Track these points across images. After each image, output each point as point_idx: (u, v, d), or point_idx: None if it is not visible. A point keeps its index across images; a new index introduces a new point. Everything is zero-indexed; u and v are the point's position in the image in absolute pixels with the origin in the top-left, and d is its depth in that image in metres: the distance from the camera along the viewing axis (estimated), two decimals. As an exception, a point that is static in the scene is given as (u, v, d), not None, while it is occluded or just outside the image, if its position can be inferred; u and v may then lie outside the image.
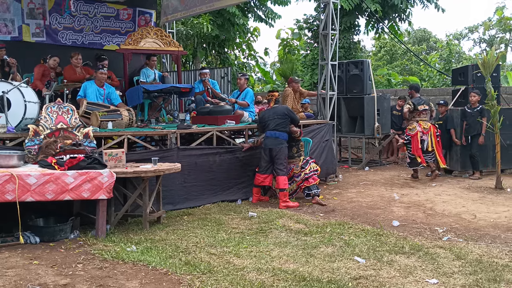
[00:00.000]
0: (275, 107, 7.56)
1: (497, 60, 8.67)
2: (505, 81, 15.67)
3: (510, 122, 9.47)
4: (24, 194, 5.00)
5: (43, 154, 5.69)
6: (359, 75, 10.73)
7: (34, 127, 5.91)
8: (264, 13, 16.34)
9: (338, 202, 7.51)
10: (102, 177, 5.31)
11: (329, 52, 9.18)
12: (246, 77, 9.32)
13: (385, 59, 28.45)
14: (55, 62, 8.61)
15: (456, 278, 4.19)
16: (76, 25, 10.57)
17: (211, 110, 8.43)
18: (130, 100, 8.50)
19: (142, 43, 9.16)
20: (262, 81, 23.22)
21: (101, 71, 7.95)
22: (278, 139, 7.24)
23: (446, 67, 20.79)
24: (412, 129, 9.16)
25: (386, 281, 4.12)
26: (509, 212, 6.69)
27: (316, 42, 16.56)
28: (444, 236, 5.58)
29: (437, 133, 9.23)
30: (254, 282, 4.06)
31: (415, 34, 33.83)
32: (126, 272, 4.33)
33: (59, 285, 4.03)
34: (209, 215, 6.52)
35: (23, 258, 4.69)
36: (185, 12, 10.95)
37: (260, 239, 5.41)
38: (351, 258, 4.71)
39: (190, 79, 12.75)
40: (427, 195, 7.85)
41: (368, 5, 14.51)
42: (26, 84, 6.59)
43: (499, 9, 24.04)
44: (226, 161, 7.49)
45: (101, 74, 7.90)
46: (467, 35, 33.25)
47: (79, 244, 5.17)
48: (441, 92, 12.88)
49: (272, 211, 6.75)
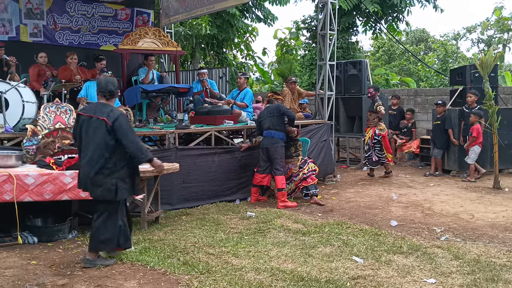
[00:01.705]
0: (268, 107, 7.58)
1: (495, 60, 8.68)
2: (503, 81, 15.69)
3: (508, 122, 9.48)
4: (22, 194, 4.99)
5: (41, 154, 5.68)
6: (357, 75, 10.74)
7: (32, 127, 5.90)
8: (263, 13, 16.36)
9: (336, 202, 7.52)
10: (100, 177, 5.30)
11: (327, 52, 9.19)
12: (246, 76, 9.29)
13: (383, 59, 28.49)
14: (43, 58, 8.58)
15: (454, 278, 4.20)
16: (73, 25, 10.57)
17: (210, 110, 8.43)
18: (128, 100, 8.50)
19: (140, 43, 9.15)
20: (261, 81, 23.23)
21: (105, 74, 7.88)
22: (273, 139, 7.25)
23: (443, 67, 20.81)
24: (382, 129, 9.46)
25: (384, 281, 4.13)
26: (507, 212, 6.71)
27: (314, 42, 16.56)
28: (442, 236, 5.59)
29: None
30: (252, 282, 4.07)
31: (413, 34, 33.88)
32: (124, 272, 4.33)
33: (57, 285, 4.03)
34: (207, 215, 6.52)
35: (21, 258, 4.68)
36: (186, 14, 10.96)
37: (259, 239, 5.41)
38: (349, 258, 4.72)
39: (188, 79, 12.74)
40: (425, 195, 7.86)
41: (366, 5, 14.52)
42: (24, 84, 6.59)
43: (497, 9, 24.06)
44: (224, 161, 7.49)
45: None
46: (465, 35, 33.30)
47: (77, 244, 5.17)
48: (439, 92, 12.90)
49: (271, 211, 6.76)
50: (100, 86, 4.61)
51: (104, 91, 4.55)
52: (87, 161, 4.36)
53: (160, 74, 10.04)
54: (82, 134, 4.41)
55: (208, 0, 9.97)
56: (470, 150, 9.10)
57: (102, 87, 4.56)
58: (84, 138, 4.41)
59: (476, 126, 9.05)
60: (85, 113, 4.42)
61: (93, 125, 4.37)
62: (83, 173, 4.43)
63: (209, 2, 9.94)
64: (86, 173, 4.37)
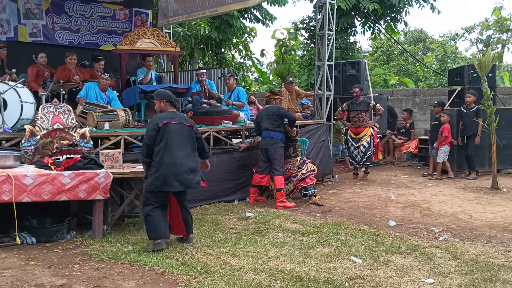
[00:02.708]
0: (267, 107, 7.58)
1: (493, 60, 8.70)
2: (501, 81, 15.72)
3: (506, 122, 9.50)
4: (21, 194, 4.99)
5: (40, 154, 5.67)
6: (356, 75, 10.74)
7: (31, 128, 5.89)
8: (261, 14, 16.37)
9: (335, 202, 7.52)
10: (99, 177, 5.31)
11: (325, 52, 9.19)
12: (234, 77, 9.39)
13: (382, 59, 28.50)
14: (43, 59, 8.56)
15: (452, 278, 4.20)
16: (72, 25, 10.55)
17: (208, 111, 8.43)
18: (127, 100, 8.49)
19: (138, 44, 9.13)
20: (259, 81, 23.24)
21: (104, 76, 7.86)
22: (272, 139, 7.25)
23: (441, 68, 20.84)
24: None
25: (383, 281, 4.13)
26: (505, 212, 6.72)
27: (312, 43, 16.57)
28: (441, 236, 5.60)
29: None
30: (251, 283, 4.07)
31: (411, 34, 33.91)
32: (123, 273, 4.33)
33: (55, 285, 4.02)
34: (206, 216, 6.52)
35: (20, 258, 4.68)
36: (187, 16, 10.95)
37: (257, 240, 5.41)
38: (348, 258, 4.72)
39: (187, 79, 12.74)
40: (424, 195, 7.88)
41: (365, 5, 14.52)
42: (22, 85, 6.58)
43: (497, 9, 24.12)
44: (223, 161, 7.49)
45: (103, 80, 7.80)
46: (463, 35, 33.33)
47: (76, 245, 5.17)
48: (437, 93, 12.92)
49: (269, 211, 6.76)
50: (165, 96, 5.34)
51: (173, 101, 5.36)
52: (185, 156, 5.14)
53: (159, 74, 10.03)
54: (168, 138, 5.09)
55: (210, 4, 9.97)
56: (440, 150, 9.36)
57: (168, 97, 5.35)
58: (173, 140, 5.10)
59: (447, 125, 9.37)
60: (174, 121, 5.19)
61: (184, 129, 5.23)
62: (179, 166, 5.07)
63: (211, 5, 9.94)
64: (184, 166, 5.09)
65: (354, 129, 9.44)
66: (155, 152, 5.07)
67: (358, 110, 9.37)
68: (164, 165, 5.02)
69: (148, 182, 5.08)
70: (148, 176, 5.12)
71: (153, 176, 5.03)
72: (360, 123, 9.37)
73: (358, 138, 9.38)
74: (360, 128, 9.38)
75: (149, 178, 5.07)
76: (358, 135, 9.39)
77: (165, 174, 5.01)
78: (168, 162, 5.04)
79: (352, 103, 9.41)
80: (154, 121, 5.17)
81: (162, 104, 5.34)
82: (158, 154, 5.05)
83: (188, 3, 10.64)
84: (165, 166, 5.02)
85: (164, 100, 5.32)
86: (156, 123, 5.11)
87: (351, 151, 9.50)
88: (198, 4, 10.31)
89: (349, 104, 9.44)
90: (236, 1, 9.44)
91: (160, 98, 5.35)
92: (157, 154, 5.06)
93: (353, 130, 9.46)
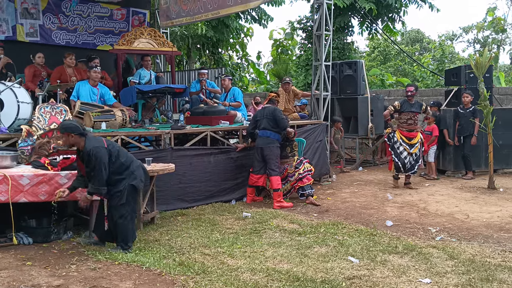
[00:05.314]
0: (266, 107, 7.58)
1: (489, 61, 8.72)
2: (498, 81, 15.76)
3: (502, 122, 9.53)
4: (17, 195, 4.98)
5: (36, 154, 5.66)
6: (353, 75, 10.76)
7: (27, 128, 5.88)
8: (258, 14, 16.35)
9: (332, 202, 7.53)
10: (96, 177, 5.29)
11: (322, 52, 9.20)
12: (229, 78, 9.36)
13: (379, 59, 28.51)
14: (41, 59, 8.51)
15: (449, 278, 4.21)
16: (69, 25, 10.55)
17: (205, 111, 8.43)
18: (124, 100, 8.47)
19: (135, 44, 9.13)
20: (256, 81, 23.24)
21: (95, 69, 7.73)
22: (269, 139, 7.26)
23: (439, 68, 20.87)
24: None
25: (380, 281, 4.14)
26: (502, 212, 6.74)
27: (310, 43, 16.58)
28: (437, 236, 5.61)
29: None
30: (248, 283, 4.07)
31: (409, 35, 33.96)
32: (120, 273, 4.32)
33: (52, 286, 4.01)
34: (203, 216, 6.51)
35: (16, 259, 4.67)
36: (190, 18, 10.96)
37: (254, 240, 5.41)
38: (345, 258, 4.73)
39: (184, 79, 12.73)
40: (420, 195, 7.89)
41: (362, 4, 14.53)
42: (19, 85, 6.56)
43: (490, 10, 24.19)
44: (220, 161, 7.48)
45: (95, 73, 7.68)
46: (461, 35, 33.43)
47: (73, 245, 5.16)
48: (434, 93, 12.95)
49: (266, 212, 6.76)
50: (73, 129, 4.79)
51: (82, 132, 4.85)
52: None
53: (156, 74, 10.02)
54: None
55: (212, 6, 9.99)
56: (431, 149, 9.53)
57: (76, 129, 4.81)
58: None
59: (434, 126, 9.54)
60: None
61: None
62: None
63: (213, 8, 9.96)
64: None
65: (407, 132, 8.46)
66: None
67: (412, 112, 8.47)
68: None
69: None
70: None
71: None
72: (414, 126, 8.50)
73: (412, 144, 8.43)
74: (414, 133, 8.48)
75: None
76: (412, 141, 8.45)
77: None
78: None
79: (405, 103, 8.52)
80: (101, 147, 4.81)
81: (71, 137, 4.78)
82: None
83: (189, 5, 10.65)
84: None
85: (72, 134, 4.77)
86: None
87: (404, 156, 8.39)
88: (200, 6, 10.32)
89: (402, 103, 8.55)
90: (237, 4, 9.45)
91: (68, 132, 4.76)
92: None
93: (405, 134, 8.46)
